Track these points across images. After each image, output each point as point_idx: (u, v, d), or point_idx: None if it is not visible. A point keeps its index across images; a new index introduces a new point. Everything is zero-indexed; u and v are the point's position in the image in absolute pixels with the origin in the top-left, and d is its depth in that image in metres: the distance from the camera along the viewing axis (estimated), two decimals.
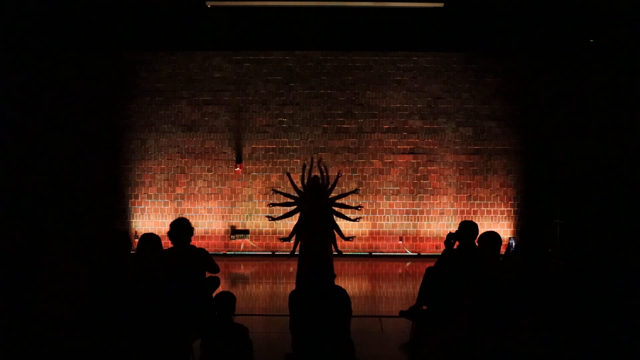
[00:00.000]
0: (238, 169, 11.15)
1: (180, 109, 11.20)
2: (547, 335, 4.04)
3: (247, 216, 11.10)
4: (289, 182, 7.77)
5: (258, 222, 11.07)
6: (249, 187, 11.10)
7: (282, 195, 7.74)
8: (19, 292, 4.82)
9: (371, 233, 11.09)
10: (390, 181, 11.14)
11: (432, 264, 5.87)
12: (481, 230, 5.58)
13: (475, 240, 5.44)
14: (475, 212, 11.01)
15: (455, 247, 5.74)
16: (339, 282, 6.73)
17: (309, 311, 4.10)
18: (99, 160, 11.01)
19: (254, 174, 11.18)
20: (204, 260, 5.45)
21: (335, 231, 7.01)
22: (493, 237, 5.32)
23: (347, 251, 9.82)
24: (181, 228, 5.40)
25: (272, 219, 7.87)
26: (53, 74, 10.87)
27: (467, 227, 5.65)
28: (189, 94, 11.19)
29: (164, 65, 11.19)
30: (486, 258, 5.18)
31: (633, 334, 4.13)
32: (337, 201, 7.41)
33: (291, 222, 7.45)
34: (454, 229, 5.85)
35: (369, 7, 9.52)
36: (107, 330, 4.08)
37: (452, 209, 11.07)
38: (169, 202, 11.17)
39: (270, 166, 11.19)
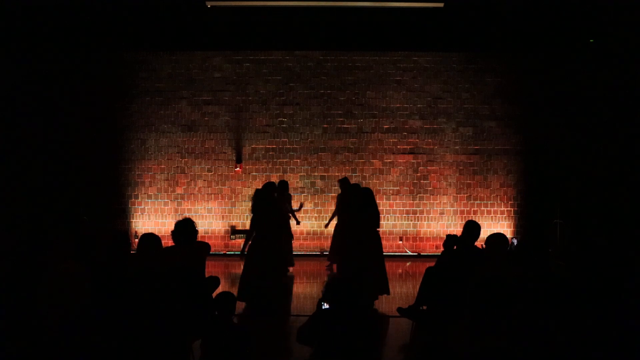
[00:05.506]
0: (238, 169, 11.15)
1: (180, 109, 11.20)
2: (546, 335, 4.04)
3: (247, 216, 11.07)
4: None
5: None
6: (249, 187, 11.08)
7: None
8: (20, 292, 4.83)
9: None
10: (390, 181, 11.14)
11: (432, 264, 5.87)
12: (483, 231, 5.57)
13: (482, 243, 5.42)
14: (475, 212, 10.99)
15: (454, 248, 5.74)
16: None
17: (336, 328, 3.89)
18: (99, 160, 11.00)
19: (254, 174, 11.18)
20: (204, 254, 5.51)
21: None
22: (500, 239, 5.31)
23: None
24: (185, 228, 5.41)
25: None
26: (53, 74, 10.85)
27: (469, 228, 5.65)
28: (189, 94, 11.19)
29: (164, 65, 11.19)
30: (492, 259, 5.17)
31: (633, 334, 4.14)
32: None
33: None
34: (453, 229, 5.86)
35: (369, 7, 9.51)
36: (107, 330, 4.07)
37: (452, 209, 11.05)
38: (169, 202, 11.17)
39: (270, 166, 11.19)
